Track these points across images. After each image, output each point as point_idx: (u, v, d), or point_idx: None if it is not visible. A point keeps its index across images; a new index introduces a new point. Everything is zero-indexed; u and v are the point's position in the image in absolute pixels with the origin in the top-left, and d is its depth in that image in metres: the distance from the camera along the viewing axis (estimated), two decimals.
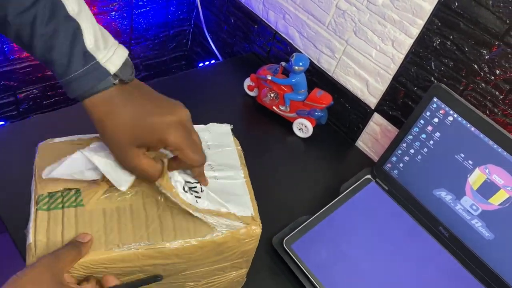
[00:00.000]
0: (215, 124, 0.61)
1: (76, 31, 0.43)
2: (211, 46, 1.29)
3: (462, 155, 0.71)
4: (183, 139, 0.47)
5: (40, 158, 0.51)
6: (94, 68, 0.44)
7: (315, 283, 0.68)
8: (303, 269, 0.69)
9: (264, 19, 1.09)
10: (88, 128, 0.51)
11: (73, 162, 0.48)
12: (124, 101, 0.46)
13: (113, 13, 1.13)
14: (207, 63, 1.35)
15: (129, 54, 0.47)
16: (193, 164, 0.49)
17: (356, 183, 0.82)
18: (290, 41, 1.04)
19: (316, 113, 0.92)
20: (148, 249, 0.47)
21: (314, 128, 0.94)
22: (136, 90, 0.47)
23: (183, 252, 0.48)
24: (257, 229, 0.51)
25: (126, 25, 1.18)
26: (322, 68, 0.98)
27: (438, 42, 0.77)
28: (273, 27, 1.07)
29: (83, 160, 0.48)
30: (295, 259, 0.70)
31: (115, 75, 0.45)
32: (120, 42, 0.47)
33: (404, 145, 0.78)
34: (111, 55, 0.45)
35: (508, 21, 0.67)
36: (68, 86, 0.44)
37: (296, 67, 0.89)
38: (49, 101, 1.20)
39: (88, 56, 0.44)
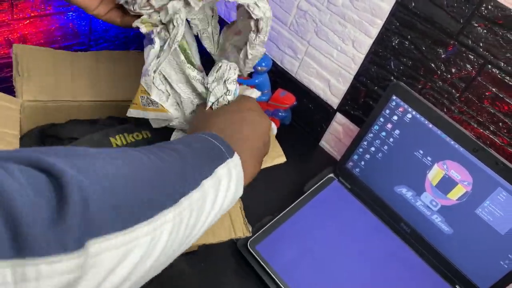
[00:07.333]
0: None
1: None
2: None
3: (421, 152, 0.72)
4: None
5: None
6: None
7: (280, 284, 0.67)
8: (268, 270, 0.68)
9: (226, 20, 1.08)
10: None
11: None
12: None
13: (71, 13, 1.09)
14: None
15: None
16: None
17: (319, 182, 0.82)
18: None
19: (280, 114, 0.92)
20: None
21: (278, 128, 0.94)
22: None
23: None
24: None
25: (84, 26, 1.14)
26: (285, 69, 0.99)
27: (396, 42, 0.78)
28: None
29: None
30: (260, 261, 0.69)
31: None
32: (79, 44, 0.46)
33: (365, 143, 0.79)
34: None
35: (461, 21, 0.69)
36: None
37: (259, 68, 0.88)
38: None
39: None
